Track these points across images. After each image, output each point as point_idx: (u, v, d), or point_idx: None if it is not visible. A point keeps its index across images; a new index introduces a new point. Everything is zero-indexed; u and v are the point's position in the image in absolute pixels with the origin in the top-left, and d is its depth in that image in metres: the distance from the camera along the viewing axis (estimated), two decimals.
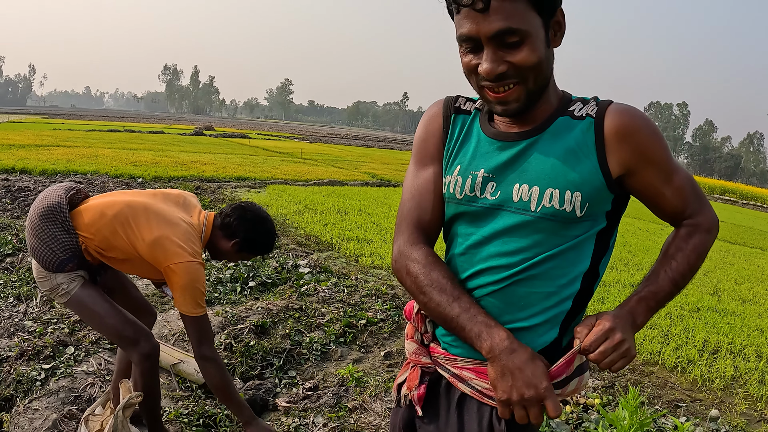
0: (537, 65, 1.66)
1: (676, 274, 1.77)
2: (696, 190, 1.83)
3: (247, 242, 3.53)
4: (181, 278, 3.13)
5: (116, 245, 3.27)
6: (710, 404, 5.11)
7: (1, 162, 15.55)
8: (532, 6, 1.62)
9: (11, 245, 7.69)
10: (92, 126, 44.46)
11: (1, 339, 5.08)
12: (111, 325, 3.37)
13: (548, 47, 1.70)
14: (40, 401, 4.09)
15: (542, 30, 1.66)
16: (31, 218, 3.28)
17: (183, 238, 3.22)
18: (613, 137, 1.69)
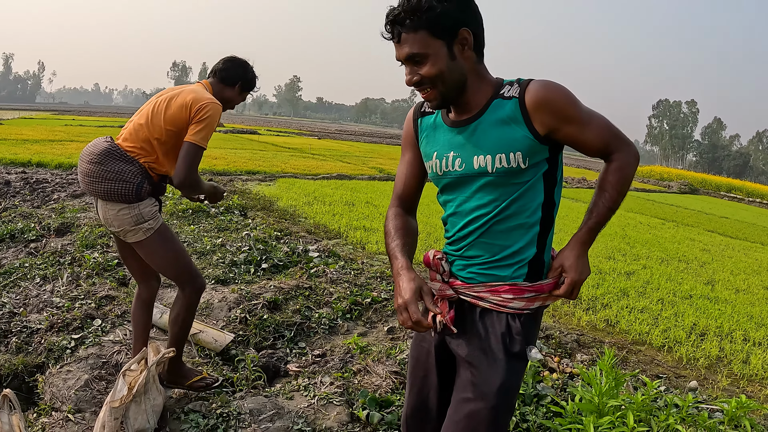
0: (439, 75, 2.26)
1: (611, 202, 2.37)
2: (613, 131, 2.37)
3: (247, 80, 4.19)
4: (206, 113, 3.74)
5: (161, 138, 3.79)
6: (693, 379, 5.38)
7: (18, 156, 15.87)
8: (432, 35, 2.21)
9: (35, 231, 8.09)
10: (103, 122, 44.56)
11: (31, 314, 5.45)
12: (183, 262, 3.99)
13: (453, 59, 2.27)
14: (71, 366, 4.46)
15: (444, 49, 2.24)
16: (90, 171, 3.71)
17: (206, 93, 3.85)
18: (533, 108, 2.25)
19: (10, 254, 7.33)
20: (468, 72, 2.31)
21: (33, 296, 5.87)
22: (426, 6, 2.17)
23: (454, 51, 2.26)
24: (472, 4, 2.28)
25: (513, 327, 2.36)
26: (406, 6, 2.21)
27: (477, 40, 2.30)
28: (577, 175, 37.79)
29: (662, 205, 23.30)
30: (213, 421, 3.84)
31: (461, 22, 2.22)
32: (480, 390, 2.31)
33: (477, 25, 2.28)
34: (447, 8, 2.18)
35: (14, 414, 3.21)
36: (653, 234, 14.00)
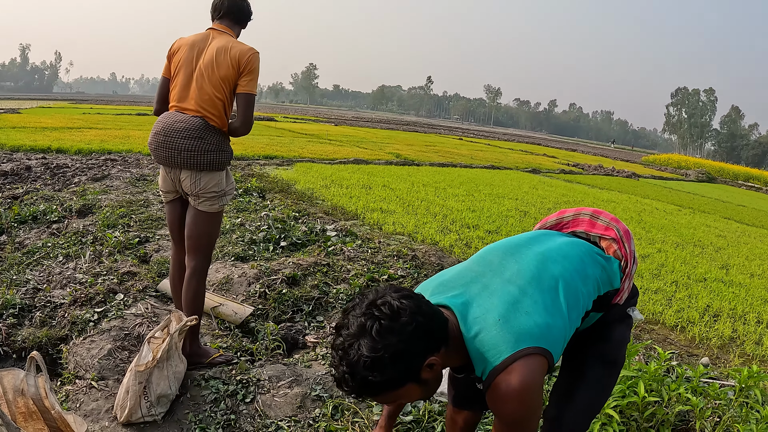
0: (416, 400, 2.22)
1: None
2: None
3: (251, 15, 4.43)
4: (253, 64, 4.04)
5: (224, 99, 4.07)
6: (705, 357, 5.43)
7: (38, 143, 16.05)
8: (395, 389, 2.04)
9: (57, 213, 8.24)
10: (120, 110, 44.80)
11: (54, 290, 5.56)
12: (214, 239, 4.33)
13: (425, 384, 2.09)
14: (94, 337, 4.56)
15: (413, 384, 2.05)
16: (190, 146, 3.98)
17: (239, 43, 4.11)
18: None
19: (32, 235, 7.47)
20: (447, 364, 2.21)
21: (56, 273, 5.99)
22: (375, 380, 1.98)
23: (423, 378, 2.07)
24: (418, 330, 1.99)
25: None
26: (353, 388, 2.03)
27: (443, 340, 2.11)
28: (594, 162, 37.69)
29: (679, 193, 23.24)
30: (233, 387, 3.97)
31: (420, 361, 2.03)
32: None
33: (434, 337, 2.07)
34: (399, 368, 1.99)
35: (40, 376, 3.31)
36: (669, 220, 14.00)
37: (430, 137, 44.45)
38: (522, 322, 2.13)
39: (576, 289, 2.31)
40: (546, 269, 2.32)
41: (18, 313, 5.06)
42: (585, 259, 2.44)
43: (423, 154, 24.35)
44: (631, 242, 2.56)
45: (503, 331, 2.11)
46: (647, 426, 3.56)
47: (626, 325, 2.59)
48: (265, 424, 3.70)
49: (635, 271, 2.59)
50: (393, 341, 1.94)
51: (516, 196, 14.16)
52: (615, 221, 2.62)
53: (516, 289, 2.24)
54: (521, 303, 2.19)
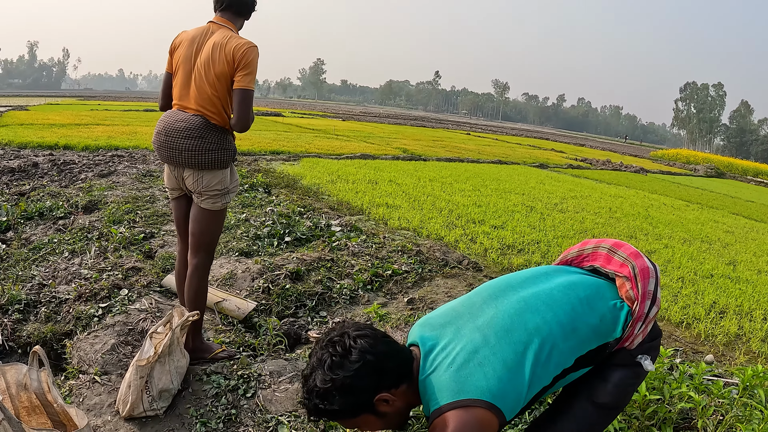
0: (381, 430, 2.33)
1: None
2: None
3: (254, 7, 4.36)
4: (249, 58, 3.93)
5: (222, 97, 4.02)
6: (709, 354, 5.41)
7: (45, 139, 16.13)
8: (351, 417, 2.23)
9: (63, 209, 8.29)
10: (128, 106, 44.89)
11: (59, 285, 5.59)
12: (217, 236, 4.33)
13: (384, 416, 2.25)
14: (98, 333, 4.59)
15: (371, 416, 2.23)
16: (191, 146, 3.98)
17: (236, 37, 4.04)
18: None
19: (39, 231, 7.52)
20: (408, 403, 2.30)
21: (61, 269, 6.03)
22: (328, 409, 2.19)
23: (381, 411, 2.24)
24: (369, 365, 2.16)
25: None
26: (311, 412, 2.26)
27: (402, 376, 2.24)
28: (602, 157, 37.62)
29: (687, 188, 23.15)
30: (234, 382, 3.99)
31: (370, 396, 2.18)
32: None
33: (386, 375, 2.21)
34: (347, 401, 2.17)
35: (43, 370, 3.33)
36: (677, 215, 13.92)
37: (438, 132, 44.45)
38: (471, 373, 2.16)
39: (551, 346, 2.25)
40: (521, 321, 2.30)
41: (23, 308, 5.11)
42: (579, 308, 2.37)
43: (430, 149, 24.34)
44: (647, 281, 2.43)
45: (450, 378, 2.16)
46: (649, 424, 3.56)
47: (632, 372, 2.45)
48: (265, 419, 3.71)
49: (656, 313, 2.45)
50: (340, 376, 2.14)
51: (523, 191, 14.15)
52: (634, 256, 2.50)
53: (480, 337, 2.26)
54: (479, 353, 2.21)
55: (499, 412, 2.10)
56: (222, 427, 3.63)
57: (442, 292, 5.94)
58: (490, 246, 8.03)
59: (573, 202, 13.29)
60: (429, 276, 6.39)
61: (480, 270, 6.84)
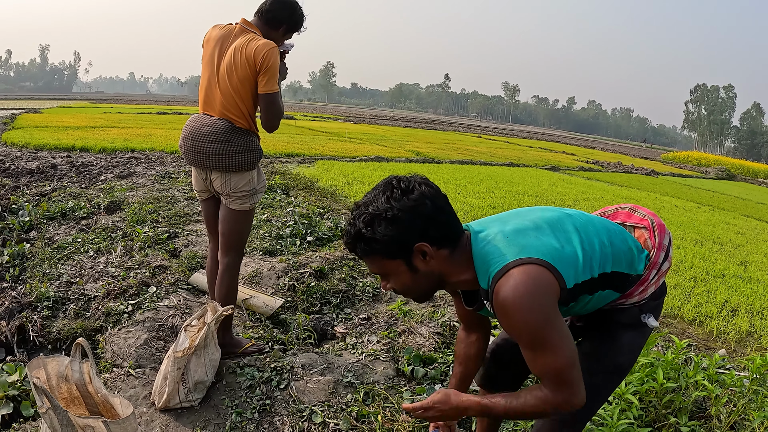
0: (405, 288, 2.34)
1: (511, 409, 2.22)
2: (559, 376, 2.14)
3: (292, 23, 4.33)
4: (269, 60, 3.99)
5: (246, 100, 4.13)
6: (722, 350, 5.52)
7: (62, 141, 16.38)
8: (385, 257, 2.23)
9: (85, 209, 8.44)
10: (140, 109, 45.14)
11: (87, 283, 5.74)
12: (246, 236, 4.47)
13: (416, 272, 2.27)
14: (130, 328, 4.75)
15: (403, 266, 2.25)
16: (218, 150, 4.10)
17: (256, 39, 4.09)
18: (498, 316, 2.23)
19: (62, 231, 7.67)
20: (442, 270, 2.31)
21: (87, 267, 6.18)
22: (369, 236, 2.19)
23: (415, 265, 2.25)
24: (423, 210, 2.19)
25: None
26: (350, 236, 2.27)
27: (445, 238, 2.26)
28: (613, 159, 37.65)
29: (698, 190, 23.19)
30: (267, 374, 4.13)
31: (412, 239, 2.19)
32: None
33: (437, 228, 2.22)
34: (391, 234, 2.17)
35: (85, 362, 3.45)
36: (688, 217, 13.99)
37: (449, 135, 44.53)
38: (529, 239, 2.25)
39: (592, 240, 2.34)
40: (567, 220, 2.40)
41: (52, 305, 5.23)
42: (612, 230, 2.47)
43: (442, 152, 24.47)
44: (663, 235, 2.52)
45: (509, 243, 2.23)
46: (665, 412, 3.69)
47: (639, 333, 2.54)
48: (299, 409, 3.85)
49: (667, 269, 2.53)
50: (394, 207, 2.15)
51: (536, 193, 14.26)
52: (652, 214, 2.61)
53: (531, 223, 2.36)
54: (530, 229, 2.31)
55: (557, 274, 2.16)
56: (257, 417, 3.77)
57: None
58: None
59: (585, 204, 13.39)
60: None
61: None
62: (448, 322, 5.16)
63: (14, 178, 11.51)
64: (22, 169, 12.21)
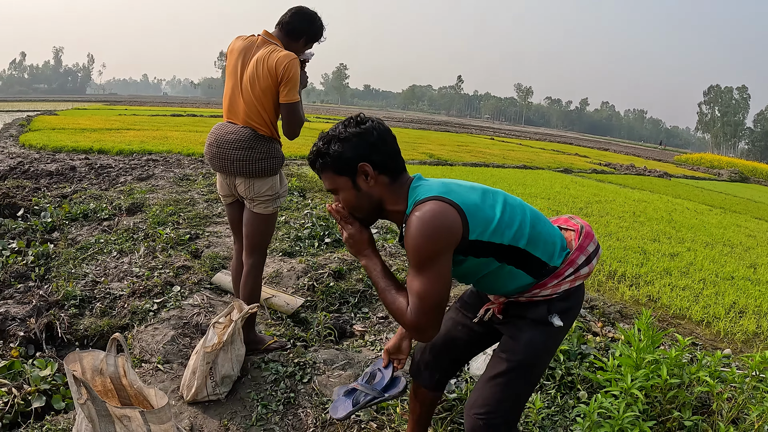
0: (349, 204, 2.69)
1: (385, 293, 2.65)
2: (418, 303, 2.51)
3: (312, 34, 4.56)
4: (290, 72, 4.19)
5: (269, 110, 4.34)
6: (727, 350, 5.66)
7: (79, 143, 16.65)
8: (335, 173, 2.64)
9: (107, 211, 8.65)
10: (155, 111, 45.39)
11: (112, 282, 5.95)
12: (269, 238, 4.65)
13: (359, 191, 2.64)
14: (157, 325, 4.95)
15: (349, 183, 2.63)
16: (241, 156, 4.31)
17: (278, 50, 4.29)
18: None
19: (84, 232, 7.86)
20: (381, 195, 2.67)
21: (111, 267, 6.38)
22: (324, 151, 2.63)
23: (358, 183, 2.63)
24: (369, 138, 2.60)
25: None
26: (312, 153, 2.70)
27: (384, 165, 2.63)
28: (626, 161, 37.67)
29: (711, 193, 23.22)
30: (291, 369, 4.34)
31: (357, 158, 2.59)
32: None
33: (379, 154, 2.61)
34: (341, 150, 2.59)
35: (120, 356, 3.62)
36: (699, 219, 14.05)
37: (462, 137, 44.61)
38: (458, 190, 2.60)
39: (514, 214, 2.66)
40: (502, 195, 2.75)
41: (79, 303, 5.43)
42: (542, 219, 2.81)
43: (456, 154, 24.61)
44: (587, 241, 2.79)
45: (440, 187, 2.60)
46: (670, 407, 3.85)
47: (542, 332, 2.76)
48: (322, 401, 4.06)
49: (586, 274, 2.78)
50: (347, 131, 2.60)
51: (548, 195, 14.39)
52: (585, 224, 2.90)
53: (469, 185, 2.72)
54: (466, 188, 2.66)
55: (466, 225, 2.49)
56: (282, 409, 3.97)
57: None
58: None
59: (597, 206, 13.52)
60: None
61: None
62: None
63: (34, 179, 11.73)
64: (41, 171, 12.43)
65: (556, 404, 4.16)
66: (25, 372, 4.15)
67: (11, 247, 7.07)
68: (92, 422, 3.19)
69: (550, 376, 4.47)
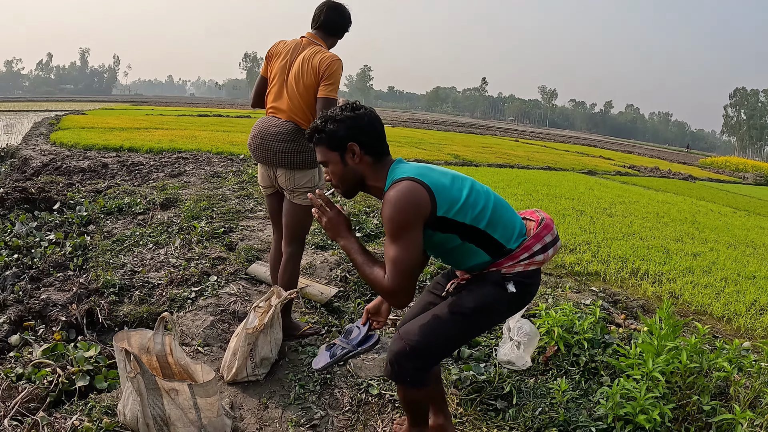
0: (336, 176, 3.09)
1: (362, 267, 2.99)
2: (392, 268, 2.86)
3: (345, 28, 4.89)
4: (333, 69, 4.50)
5: (311, 104, 4.59)
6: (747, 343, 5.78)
7: (110, 142, 17.03)
8: (328, 148, 3.04)
9: (141, 205, 8.91)
10: (181, 111, 45.75)
11: (150, 272, 6.18)
12: (308, 228, 4.87)
13: (346, 166, 3.04)
14: (195, 312, 5.18)
15: (338, 158, 3.03)
16: (285, 149, 4.55)
17: (324, 50, 4.63)
18: None
19: (119, 225, 8.13)
20: (364, 172, 3.06)
21: (148, 258, 6.61)
22: (321, 128, 3.01)
23: (346, 159, 3.03)
24: (360, 122, 3.00)
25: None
26: (311, 128, 3.08)
27: (370, 147, 3.03)
28: (650, 164, 37.56)
29: (735, 195, 23.12)
30: None
31: (347, 138, 2.98)
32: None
33: (367, 137, 3.01)
34: (335, 129, 2.99)
35: (167, 334, 3.83)
36: (723, 221, 14.05)
37: (487, 139, 44.69)
38: (430, 173, 2.97)
39: (478, 199, 3.00)
40: (470, 181, 3.09)
41: (118, 291, 5.66)
42: (505, 205, 3.14)
43: (480, 155, 24.73)
44: (545, 231, 3.11)
45: (415, 169, 2.97)
46: (689, 393, 4.01)
47: (494, 290, 3.06)
48: (357, 383, 4.28)
49: (540, 261, 3.10)
50: (342, 114, 3.00)
51: (572, 196, 14.48)
52: (547, 217, 3.21)
53: (441, 170, 3.09)
54: (438, 171, 3.03)
55: (434, 202, 2.86)
56: (319, 389, 4.19)
57: None
58: None
59: (621, 207, 13.60)
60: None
61: None
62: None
63: (67, 176, 12.07)
64: (74, 168, 12.76)
65: (580, 388, 4.34)
66: (68, 354, 4.36)
67: (49, 239, 7.34)
68: (141, 396, 3.39)
69: (575, 362, 4.66)
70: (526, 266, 3.06)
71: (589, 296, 6.35)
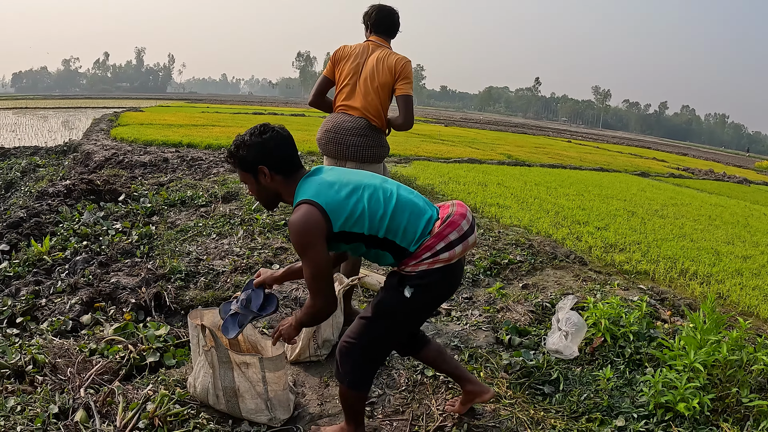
0: (254, 194, 3.41)
1: (300, 317, 3.45)
2: (310, 283, 3.21)
3: (398, 29, 5.30)
4: (409, 70, 4.97)
5: (384, 102, 5.00)
6: None
7: (169, 138, 17.60)
8: (242, 170, 3.31)
9: (203, 198, 9.27)
10: (236, 109, 46.43)
11: (214, 260, 6.51)
12: None
13: (260, 185, 3.31)
14: None
15: (252, 178, 3.30)
16: (358, 143, 4.91)
17: (394, 53, 5.04)
18: None
19: (183, 216, 8.51)
20: (277, 189, 3.33)
21: (212, 248, 6.95)
22: (234, 153, 3.30)
23: (259, 179, 3.29)
24: (267, 146, 3.24)
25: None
26: (226, 153, 3.42)
27: (279, 168, 3.27)
28: (704, 167, 37.08)
29: None
30: None
31: (256, 162, 3.24)
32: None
33: (274, 160, 3.26)
34: (245, 155, 3.25)
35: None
36: None
37: (539, 139, 44.54)
38: (328, 191, 3.17)
39: (375, 211, 3.18)
40: (369, 191, 3.25)
41: (184, 277, 6.02)
42: (407, 209, 3.27)
43: (533, 156, 24.74)
44: (449, 229, 3.24)
45: (315, 187, 3.19)
46: (729, 385, 4.17)
47: (392, 297, 3.32)
48: (413, 365, 4.57)
49: (446, 259, 3.24)
50: (251, 139, 3.25)
51: (624, 197, 14.50)
52: (456, 213, 3.34)
53: (347, 182, 3.27)
54: (340, 185, 3.23)
55: (329, 220, 3.10)
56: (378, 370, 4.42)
57: (552, 281, 6.64)
58: (594, 244, 8.58)
59: (673, 209, 13.60)
60: (540, 266, 7.12)
61: (585, 264, 7.44)
62: (540, 303, 5.79)
63: (129, 169, 12.57)
64: (135, 162, 13.25)
65: (625, 378, 4.54)
66: (138, 332, 4.74)
67: (116, 228, 7.77)
68: (213, 368, 3.69)
69: (620, 353, 4.85)
70: (431, 264, 3.21)
71: (636, 293, 6.48)
